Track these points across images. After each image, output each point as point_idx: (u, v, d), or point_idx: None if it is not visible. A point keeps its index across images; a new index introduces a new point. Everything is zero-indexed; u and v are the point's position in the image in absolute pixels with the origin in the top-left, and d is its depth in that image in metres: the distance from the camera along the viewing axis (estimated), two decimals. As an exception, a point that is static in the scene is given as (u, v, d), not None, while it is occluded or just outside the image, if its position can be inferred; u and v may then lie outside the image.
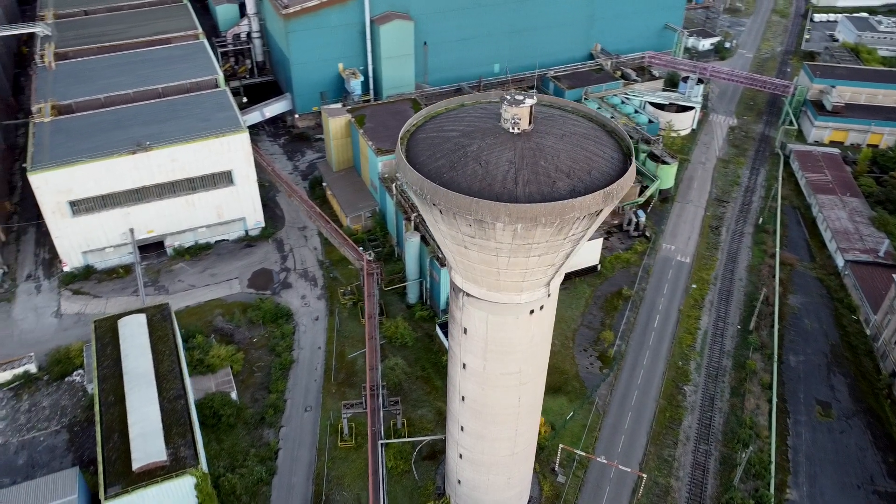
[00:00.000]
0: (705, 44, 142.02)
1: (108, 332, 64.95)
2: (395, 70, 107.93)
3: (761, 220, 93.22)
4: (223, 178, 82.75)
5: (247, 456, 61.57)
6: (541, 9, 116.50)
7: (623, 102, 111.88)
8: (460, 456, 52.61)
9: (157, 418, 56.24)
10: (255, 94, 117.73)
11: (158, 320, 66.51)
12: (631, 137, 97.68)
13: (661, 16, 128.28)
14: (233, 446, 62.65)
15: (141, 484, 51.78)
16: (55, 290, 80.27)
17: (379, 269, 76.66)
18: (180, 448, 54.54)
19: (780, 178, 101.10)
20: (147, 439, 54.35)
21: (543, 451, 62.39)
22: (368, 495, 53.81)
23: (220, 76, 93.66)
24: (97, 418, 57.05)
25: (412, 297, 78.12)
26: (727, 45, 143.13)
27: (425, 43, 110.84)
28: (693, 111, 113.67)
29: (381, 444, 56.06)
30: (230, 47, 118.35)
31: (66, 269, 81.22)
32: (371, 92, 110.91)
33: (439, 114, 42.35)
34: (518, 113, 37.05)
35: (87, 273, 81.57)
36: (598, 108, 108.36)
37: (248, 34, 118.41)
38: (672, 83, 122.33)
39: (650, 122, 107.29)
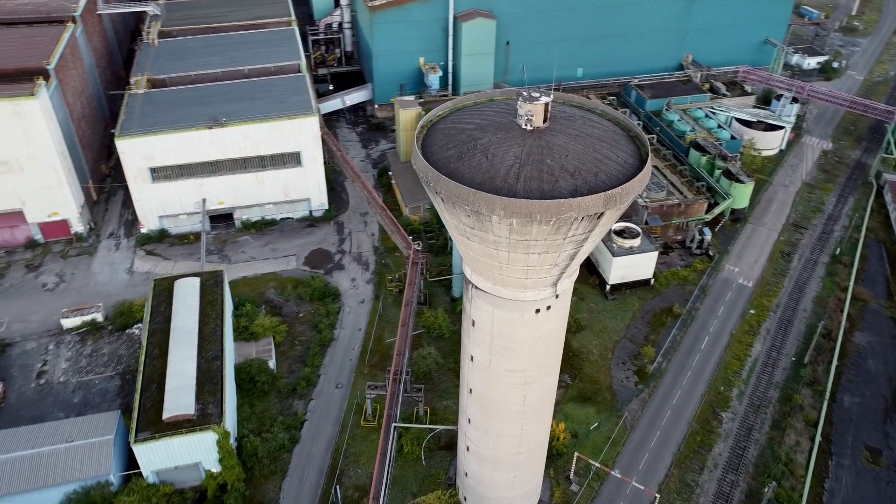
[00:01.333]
0: (811, 62, 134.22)
1: (164, 291, 69.67)
2: (475, 67, 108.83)
3: (839, 250, 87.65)
4: (292, 159, 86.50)
5: (274, 422, 64.39)
6: (630, 16, 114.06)
7: (707, 116, 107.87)
8: (467, 448, 53.03)
9: (192, 375, 59.98)
10: (341, 83, 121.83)
11: (211, 285, 70.65)
12: (707, 153, 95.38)
13: (761, 30, 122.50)
14: (263, 411, 65.70)
15: (168, 433, 55.57)
16: (131, 249, 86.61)
17: (425, 259, 77.96)
18: (208, 405, 57.95)
19: (869, 209, 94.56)
20: (180, 393, 58.11)
21: (561, 458, 61.74)
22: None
23: (303, 62, 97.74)
24: (140, 368, 61.53)
25: (457, 290, 78.89)
26: (835, 65, 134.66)
27: (507, 42, 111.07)
28: (782, 131, 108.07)
29: (395, 426, 57.22)
30: (322, 36, 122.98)
31: (143, 230, 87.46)
32: (449, 87, 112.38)
33: (466, 106, 42.91)
34: (531, 110, 37.12)
35: (161, 236, 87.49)
36: (679, 119, 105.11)
37: (340, 24, 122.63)
38: (765, 101, 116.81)
39: (732, 138, 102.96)
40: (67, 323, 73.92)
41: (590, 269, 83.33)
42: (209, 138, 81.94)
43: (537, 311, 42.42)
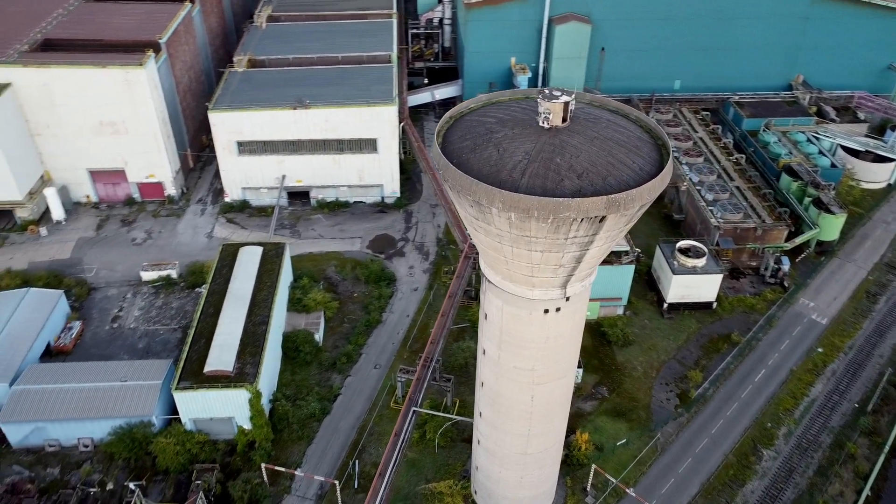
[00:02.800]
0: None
1: (229, 256, 74.32)
2: (565, 71, 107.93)
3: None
4: (368, 145, 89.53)
5: (310, 391, 67.28)
6: (737, 30, 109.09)
7: (809, 141, 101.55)
8: (478, 442, 53.46)
9: (237, 335, 63.84)
10: (437, 78, 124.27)
11: (272, 256, 74.63)
12: (800, 179, 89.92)
13: (884, 55, 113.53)
14: (302, 380, 68.77)
15: (206, 385, 59.51)
16: (214, 216, 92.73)
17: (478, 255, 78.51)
18: (246, 365, 61.51)
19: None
20: (223, 350, 62.04)
21: (582, 469, 60.73)
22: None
23: (394, 53, 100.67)
24: (194, 323, 66.15)
25: (509, 290, 78.88)
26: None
27: (602, 48, 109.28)
28: (893, 164, 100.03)
29: (414, 410, 58.43)
30: (422, 30, 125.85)
31: (227, 199, 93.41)
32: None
33: (501, 102, 43.31)
34: (550, 108, 37.12)
35: (242, 206, 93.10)
36: (776, 141, 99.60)
37: (441, 20, 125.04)
38: (879, 131, 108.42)
39: (833, 166, 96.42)
40: (146, 276, 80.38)
41: (650, 285, 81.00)
42: (293, 118, 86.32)
43: (546, 311, 42.25)
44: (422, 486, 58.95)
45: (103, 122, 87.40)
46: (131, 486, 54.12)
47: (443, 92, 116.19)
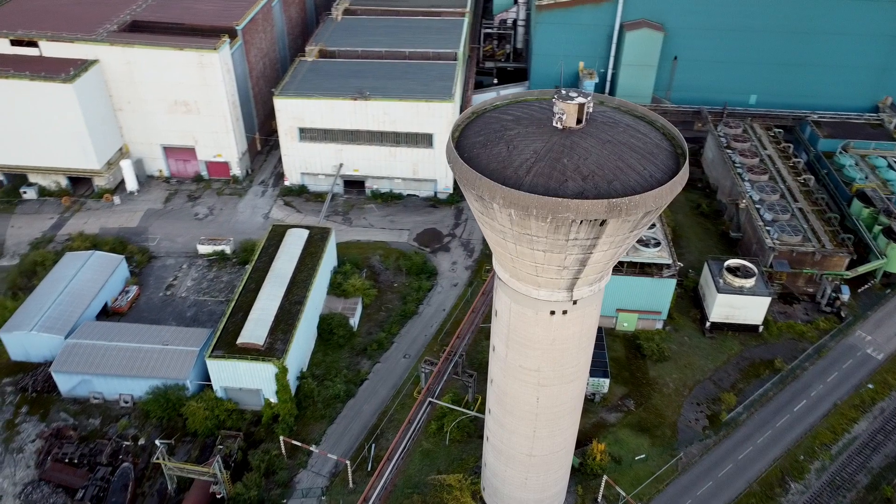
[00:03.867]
0: None
1: (277, 236, 77.24)
2: (634, 78, 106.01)
3: None
4: (424, 139, 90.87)
5: (339, 373, 69.19)
6: (822, 45, 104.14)
7: (890, 167, 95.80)
8: (487, 438, 53.71)
9: (272, 312, 66.40)
10: (507, 78, 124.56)
11: (317, 240, 77.05)
12: (873, 205, 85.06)
13: None
14: (332, 362, 70.78)
15: (236, 355, 62.26)
16: (273, 198, 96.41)
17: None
18: (277, 341, 63.92)
19: None
20: (257, 325, 64.69)
21: (596, 479, 59.87)
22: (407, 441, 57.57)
23: (460, 51, 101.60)
24: (234, 296, 69.23)
25: (548, 293, 78.46)
26: None
27: (675, 58, 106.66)
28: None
29: (430, 401, 59.20)
30: (495, 30, 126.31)
31: (286, 183, 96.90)
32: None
33: (526, 101, 43.48)
34: (564, 109, 37.09)
35: (300, 191, 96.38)
36: (853, 164, 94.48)
37: (514, 21, 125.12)
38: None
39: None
40: (202, 249, 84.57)
41: (696, 302, 78.72)
42: (352, 108, 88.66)
43: (552, 312, 42.15)
44: (432, 476, 59.67)
45: (178, 101, 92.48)
46: (157, 442, 57.27)
47: (507, 93, 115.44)
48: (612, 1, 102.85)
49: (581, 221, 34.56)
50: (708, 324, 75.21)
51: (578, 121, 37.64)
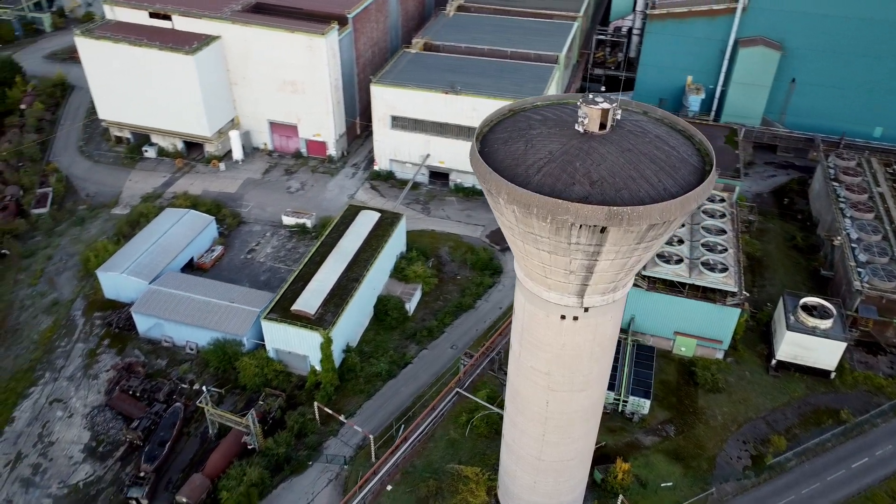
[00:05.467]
0: None
1: (350, 216, 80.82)
2: (744, 98, 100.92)
3: None
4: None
5: (385, 353, 71.62)
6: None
7: None
8: (503, 435, 54.02)
9: (329, 285, 69.85)
10: (615, 87, 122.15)
11: (387, 224, 79.85)
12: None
13: None
14: (382, 341, 73.33)
15: (288, 320, 66.13)
16: (361, 181, 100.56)
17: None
18: (327, 314, 67.20)
19: None
20: (313, 295, 68.34)
21: (616, 498, 58.52)
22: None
23: (562, 55, 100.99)
24: (299, 266, 73.33)
25: (608, 306, 76.95)
26: None
27: (793, 80, 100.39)
28: None
29: (457, 391, 60.15)
30: (609, 37, 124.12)
31: (376, 167, 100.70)
32: (711, 113, 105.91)
33: (567, 104, 43.46)
34: (587, 113, 37.01)
35: (387, 176, 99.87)
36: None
37: (630, 29, 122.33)
38: None
39: None
40: (286, 220, 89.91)
41: (765, 337, 74.42)
42: (443, 101, 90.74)
43: (563, 317, 41.99)
44: (451, 465, 60.68)
45: (286, 80, 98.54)
46: (204, 388, 62.13)
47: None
48: (728, 14, 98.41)
49: (581, 226, 34.44)
50: (774, 361, 70.92)
51: (602, 126, 37.36)
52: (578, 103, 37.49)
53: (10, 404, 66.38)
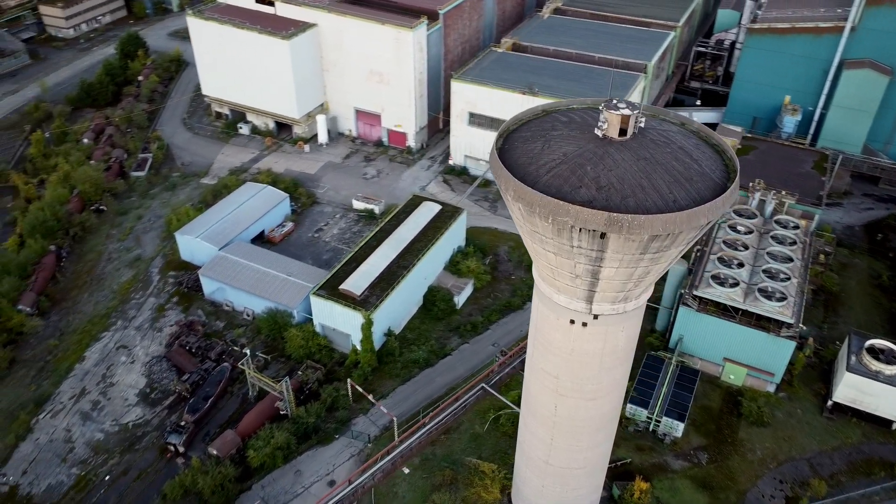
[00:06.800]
0: None
1: (412, 205, 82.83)
2: (844, 122, 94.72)
3: None
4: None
5: (426, 342, 73.09)
6: None
7: None
8: (518, 435, 54.17)
9: (379, 269, 72.13)
10: (712, 101, 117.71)
11: (446, 217, 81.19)
12: None
13: None
14: (426, 330, 74.87)
15: (334, 298, 68.87)
16: (435, 174, 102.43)
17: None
18: (372, 296, 69.43)
19: None
20: (362, 277, 70.83)
21: (632, 515, 57.35)
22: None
23: (651, 64, 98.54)
24: (354, 248, 76.03)
25: (660, 322, 74.94)
26: None
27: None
28: None
29: (483, 386, 60.64)
30: (709, 50, 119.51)
31: (450, 162, 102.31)
32: (808, 136, 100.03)
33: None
34: (607, 118, 36.84)
35: (460, 172, 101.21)
36: None
37: (733, 42, 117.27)
38: None
39: None
40: (356, 204, 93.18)
41: (825, 376, 70.06)
42: (520, 101, 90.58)
43: (572, 321, 41.84)
44: (470, 458, 61.32)
45: (373, 70, 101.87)
46: (247, 351, 65.92)
47: (701, 116, 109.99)
48: (834, 33, 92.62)
49: (580, 229, 34.35)
50: (830, 403, 66.68)
51: (622, 132, 37.04)
52: (600, 108, 37.31)
53: (84, 345, 73.04)
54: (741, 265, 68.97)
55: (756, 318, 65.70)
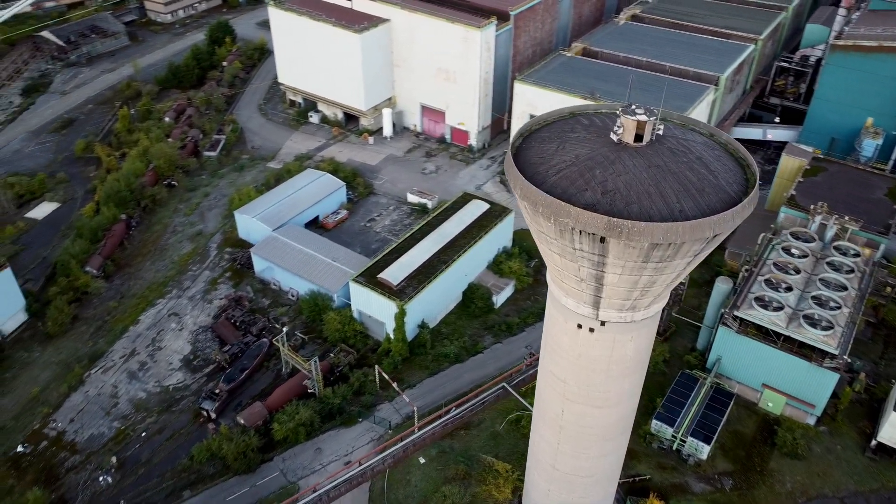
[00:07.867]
0: None
1: (461, 202, 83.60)
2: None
3: None
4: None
5: (459, 338, 73.74)
6: None
7: None
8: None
9: (419, 262, 73.41)
10: (791, 119, 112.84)
11: (493, 216, 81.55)
12: None
13: None
14: (460, 326, 75.56)
15: (371, 286, 70.57)
16: (493, 174, 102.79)
17: (683, 292, 73.68)
18: (409, 287, 70.65)
19: None
20: (401, 268, 72.31)
21: (642, 534, 56.21)
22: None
23: (723, 77, 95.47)
24: (397, 241, 77.56)
25: (701, 341, 72.78)
26: None
27: None
28: None
29: (504, 385, 60.78)
30: (792, 66, 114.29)
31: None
32: (890, 162, 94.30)
33: (634, 115, 42.67)
34: (623, 124, 36.57)
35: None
36: None
37: (819, 59, 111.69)
38: None
39: None
40: (410, 198, 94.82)
41: (872, 415, 66.26)
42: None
43: (579, 326, 41.64)
44: (486, 456, 61.59)
45: (441, 68, 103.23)
46: (284, 329, 68.47)
47: (776, 133, 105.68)
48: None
49: (581, 232, 34.26)
50: (874, 442, 63.06)
51: (638, 138, 36.63)
52: (618, 112, 37.03)
53: (140, 309, 77.76)
54: (789, 289, 66.10)
55: (799, 346, 62.91)
